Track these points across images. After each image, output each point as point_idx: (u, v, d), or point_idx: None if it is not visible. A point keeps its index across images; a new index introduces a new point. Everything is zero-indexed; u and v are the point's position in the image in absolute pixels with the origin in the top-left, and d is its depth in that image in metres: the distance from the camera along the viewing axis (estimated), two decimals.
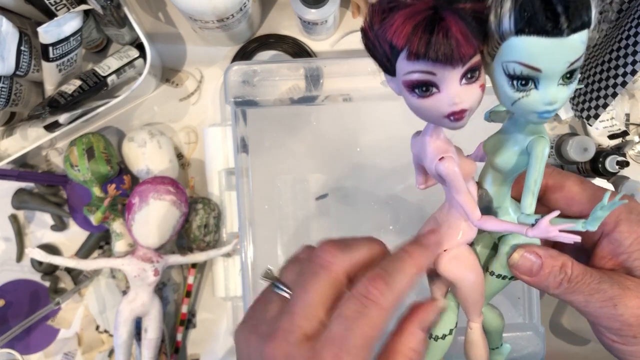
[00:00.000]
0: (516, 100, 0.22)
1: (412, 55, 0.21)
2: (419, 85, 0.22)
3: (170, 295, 0.61)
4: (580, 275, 0.26)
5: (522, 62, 0.21)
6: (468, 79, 0.22)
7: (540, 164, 0.24)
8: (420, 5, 0.21)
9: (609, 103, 0.52)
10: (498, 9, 0.21)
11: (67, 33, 0.50)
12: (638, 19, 0.48)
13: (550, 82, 0.21)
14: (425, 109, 0.23)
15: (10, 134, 0.58)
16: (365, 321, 0.24)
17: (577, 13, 0.20)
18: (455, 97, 0.22)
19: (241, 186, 0.53)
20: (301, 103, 0.54)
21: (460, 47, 0.20)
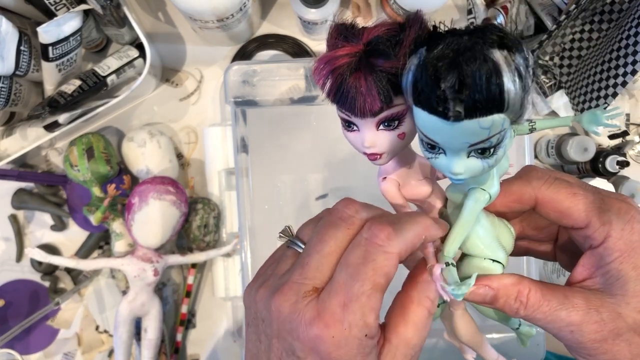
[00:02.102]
0: (429, 159, 0.22)
1: (327, 97, 0.22)
2: (344, 120, 0.23)
3: (170, 296, 0.61)
4: (537, 304, 0.26)
5: (420, 130, 0.21)
6: (386, 126, 0.23)
7: (468, 215, 0.25)
8: (348, 49, 0.21)
9: (609, 103, 0.52)
10: (406, 73, 0.20)
11: (67, 33, 0.50)
12: (638, 19, 0.48)
13: (455, 154, 0.21)
14: (351, 142, 0.24)
15: (10, 133, 0.58)
16: (371, 266, 0.23)
17: (471, 99, 0.18)
18: (367, 141, 0.23)
19: (241, 186, 0.53)
20: (301, 103, 0.54)
21: (365, 102, 0.21)
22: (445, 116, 0.19)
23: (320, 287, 0.24)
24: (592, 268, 0.27)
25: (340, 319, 0.23)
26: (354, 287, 0.23)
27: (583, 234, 0.27)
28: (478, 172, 0.21)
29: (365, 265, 0.23)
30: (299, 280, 0.24)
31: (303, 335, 0.23)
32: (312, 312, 0.23)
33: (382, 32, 0.22)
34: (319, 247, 0.24)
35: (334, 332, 0.22)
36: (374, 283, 0.23)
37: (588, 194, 0.27)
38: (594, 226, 0.26)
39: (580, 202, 0.27)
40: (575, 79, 0.59)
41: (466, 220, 0.25)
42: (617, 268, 0.26)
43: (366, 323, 0.23)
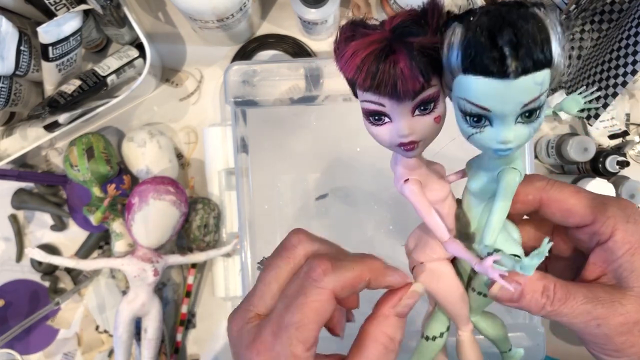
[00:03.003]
0: (470, 135, 0.22)
1: (360, 86, 0.21)
2: (372, 114, 0.22)
3: (170, 296, 0.61)
4: (564, 298, 0.26)
5: (470, 100, 0.20)
6: (421, 110, 0.22)
7: (505, 197, 0.24)
8: (375, 36, 0.21)
9: (609, 103, 0.52)
10: (448, 43, 0.20)
11: (67, 33, 0.50)
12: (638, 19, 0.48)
13: (504, 121, 0.21)
14: (379, 137, 0.23)
15: (10, 134, 0.58)
16: (302, 299, 0.24)
17: (527, 54, 0.18)
18: (405, 129, 0.22)
19: (241, 186, 0.53)
20: (301, 103, 0.54)
21: (405, 82, 0.20)
22: (504, 74, 0.19)
23: (263, 314, 0.25)
24: (603, 264, 0.27)
25: (270, 347, 0.24)
26: (285, 317, 0.24)
27: (589, 230, 0.27)
28: (525, 140, 0.21)
29: (297, 298, 0.24)
30: (246, 307, 0.26)
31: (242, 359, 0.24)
32: (250, 338, 0.25)
33: (404, 17, 0.21)
34: (262, 276, 0.26)
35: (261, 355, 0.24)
36: (303, 315, 0.24)
37: (589, 193, 0.28)
38: (601, 220, 0.26)
39: (584, 199, 0.27)
40: (575, 79, 0.59)
41: (505, 204, 0.24)
42: (629, 260, 0.26)
43: (293, 353, 0.23)
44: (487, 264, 0.23)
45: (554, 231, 0.31)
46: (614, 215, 0.26)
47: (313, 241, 0.27)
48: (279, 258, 0.26)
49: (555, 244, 0.31)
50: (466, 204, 0.27)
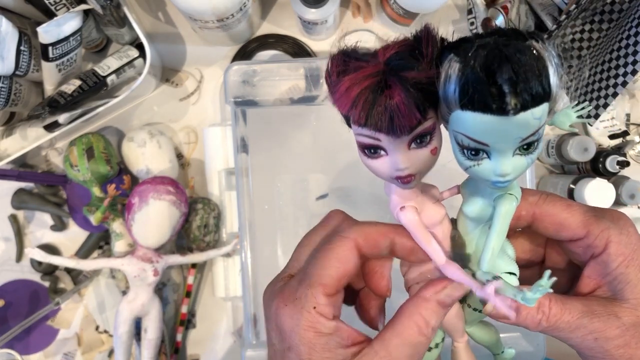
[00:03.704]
0: (468, 168, 0.22)
1: (355, 122, 0.21)
2: (368, 147, 0.22)
3: (170, 296, 0.61)
4: (559, 313, 0.26)
5: (468, 135, 0.20)
6: (418, 143, 0.22)
7: (502, 223, 0.24)
8: (369, 70, 0.20)
9: (609, 103, 0.52)
10: (445, 80, 0.20)
11: (67, 33, 0.50)
12: (638, 19, 0.48)
13: (502, 155, 0.21)
14: (375, 170, 0.23)
15: (10, 134, 0.58)
16: (327, 247, 0.25)
17: (526, 90, 0.18)
18: (401, 163, 0.22)
19: (241, 186, 0.53)
20: (301, 103, 0.54)
21: (401, 118, 0.20)
22: (502, 112, 0.19)
23: (294, 274, 0.27)
24: (598, 277, 0.27)
25: (294, 293, 0.25)
26: (310, 266, 0.25)
27: (583, 244, 0.27)
28: (523, 170, 0.21)
29: (323, 249, 0.26)
30: (282, 272, 0.28)
31: (269, 311, 0.26)
32: (278, 290, 0.26)
33: (398, 48, 0.21)
34: (299, 243, 0.28)
35: (288, 304, 0.25)
36: (326, 262, 0.25)
37: (581, 206, 0.27)
38: (594, 233, 0.26)
39: (576, 212, 0.27)
40: (575, 79, 0.59)
41: (502, 230, 0.24)
42: (623, 272, 0.26)
43: (313, 297, 0.24)
44: (489, 291, 0.23)
45: (547, 243, 0.31)
46: (607, 227, 0.26)
47: (348, 216, 0.29)
48: (315, 228, 0.28)
49: (549, 256, 0.31)
50: (462, 227, 0.27)
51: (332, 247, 0.25)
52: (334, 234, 0.26)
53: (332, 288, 0.25)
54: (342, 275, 0.25)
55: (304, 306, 0.24)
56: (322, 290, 0.24)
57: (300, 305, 0.24)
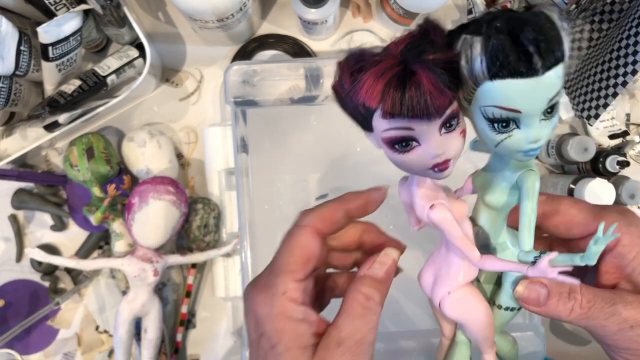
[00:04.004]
0: (500, 142, 0.22)
1: (386, 114, 0.21)
2: (399, 141, 0.22)
3: (170, 296, 0.61)
4: (592, 300, 0.25)
5: (500, 105, 0.21)
6: (447, 127, 0.22)
7: (532, 199, 0.24)
8: (388, 62, 0.20)
9: (609, 103, 0.52)
10: (468, 54, 0.20)
11: (67, 33, 0.50)
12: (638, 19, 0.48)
13: (532, 121, 0.21)
14: (408, 164, 0.23)
15: (10, 134, 0.58)
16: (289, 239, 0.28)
17: (549, 50, 0.19)
18: (437, 148, 0.22)
19: (241, 186, 0.53)
20: (301, 103, 0.54)
21: (434, 99, 0.20)
22: (532, 72, 0.19)
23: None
24: (616, 271, 0.27)
25: (265, 283, 0.27)
26: (276, 258, 0.28)
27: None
28: (549, 136, 0.22)
29: (285, 240, 0.28)
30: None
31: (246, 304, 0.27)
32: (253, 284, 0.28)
33: (409, 40, 0.21)
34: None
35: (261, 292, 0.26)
36: (290, 252, 0.27)
37: (587, 203, 0.28)
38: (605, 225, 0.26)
39: (584, 209, 0.27)
40: (575, 79, 0.59)
41: (533, 205, 0.24)
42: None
43: (283, 281, 0.26)
44: (544, 265, 0.23)
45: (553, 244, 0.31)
46: (617, 220, 0.26)
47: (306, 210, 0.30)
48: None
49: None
50: (484, 219, 0.27)
51: (293, 236, 0.28)
52: (294, 226, 0.28)
53: (299, 273, 0.26)
54: (306, 258, 0.27)
55: (274, 293, 0.26)
56: (290, 277, 0.26)
57: (271, 293, 0.26)
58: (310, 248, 0.27)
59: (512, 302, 0.28)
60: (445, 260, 0.27)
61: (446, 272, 0.27)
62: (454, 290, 0.27)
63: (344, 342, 0.25)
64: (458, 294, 0.27)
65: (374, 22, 0.63)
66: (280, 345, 0.25)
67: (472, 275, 0.27)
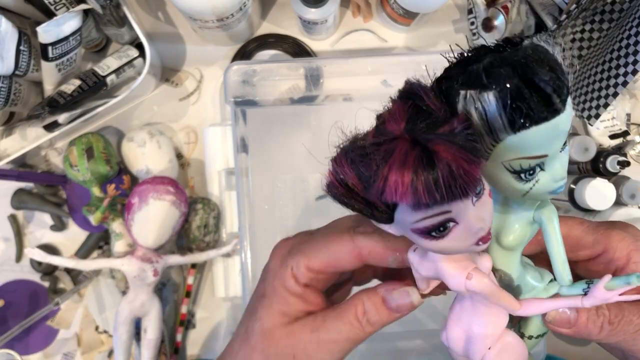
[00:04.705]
0: (528, 191, 0.21)
1: (421, 205, 0.18)
2: (436, 229, 0.19)
3: (170, 296, 0.61)
4: (620, 314, 0.25)
5: (527, 156, 0.20)
6: (477, 195, 0.19)
7: (557, 232, 0.23)
8: (401, 147, 0.17)
9: (609, 103, 0.52)
10: (481, 111, 0.19)
11: (67, 33, 0.49)
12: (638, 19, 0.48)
13: (554, 159, 0.21)
14: (450, 248, 0.20)
15: (10, 133, 0.58)
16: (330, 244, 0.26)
17: (562, 84, 0.18)
18: (477, 222, 0.20)
19: (241, 186, 0.53)
20: (301, 103, 0.54)
21: (469, 175, 0.17)
22: (555, 112, 0.18)
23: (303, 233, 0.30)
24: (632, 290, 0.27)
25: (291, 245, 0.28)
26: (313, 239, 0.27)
27: (604, 259, 0.26)
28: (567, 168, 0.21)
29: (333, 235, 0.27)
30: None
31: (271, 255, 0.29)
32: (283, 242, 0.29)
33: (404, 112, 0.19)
34: None
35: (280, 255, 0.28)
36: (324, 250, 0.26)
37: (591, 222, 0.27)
38: (612, 246, 0.26)
39: (590, 229, 0.27)
40: (575, 79, 0.59)
41: (559, 238, 0.23)
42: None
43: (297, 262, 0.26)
44: (600, 292, 0.22)
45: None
46: (623, 238, 0.26)
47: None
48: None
49: None
50: (503, 261, 0.26)
51: (338, 240, 0.26)
52: (350, 229, 0.26)
53: (315, 268, 0.26)
54: (330, 266, 0.26)
55: (287, 260, 0.26)
56: (306, 263, 0.26)
57: (285, 259, 0.27)
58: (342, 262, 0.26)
59: (538, 330, 0.27)
60: (474, 314, 0.25)
61: (480, 328, 0.25)
62: (494, 343, 0.25)
63: (319, 332, 0.25)
64: (499, 346, 0.25)
65: (374, 21, 0.63)
66: (267, 299, 0.26)
67: (505, 322, 0.25)
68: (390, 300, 0.25)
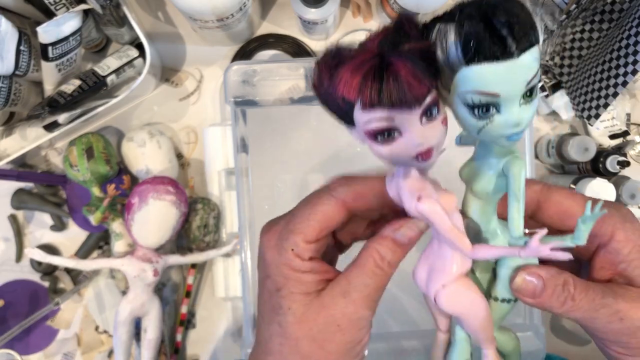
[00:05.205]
0: (481, 128, 0.22)
1: (366, 105, 0.21)
2: (381, 133, 0.22)
3: (170, 296, 0.61)
4: (584, 292, 0.25)
5: (478, 90, 0.21)
6: (428, 117, 0.22)
7: (519, 185, 0.24)
8: (364, 55, 0.21)
9: (609, 103, 0.52)
10: (443, 43, 0.21)
11: (67, 33, 0.50)
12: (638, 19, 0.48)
13: (512, 104, 0.21)
14: (391, 154, 0.23)
15: (10, 133, 0.58)
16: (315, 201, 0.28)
17: (522, 32, 0.20)
18: (419, 137, 0.22)
19: (241, 186, 0.53)
20: (301, 103, 0.54)
21: (413, 88, 0.20)
22: (507, 55, 0.20)
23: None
24: (611, 267, 0.27)
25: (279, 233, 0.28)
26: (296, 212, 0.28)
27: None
28: (530, 120, 0.22)
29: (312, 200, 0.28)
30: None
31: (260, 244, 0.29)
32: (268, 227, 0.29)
33: (383, 35, 0.22)
34: None
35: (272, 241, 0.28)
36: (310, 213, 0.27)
37: (583, 195, 0.28)
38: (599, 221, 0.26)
39: (580, 200, 0.27)
40: (575, 79, 0.59)
41: (520, 192, 0.24)
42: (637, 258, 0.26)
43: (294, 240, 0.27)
44: (534, 244, 0.23)
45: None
46: (612, 215, 0.26)
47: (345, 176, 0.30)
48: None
49: None
50: (474, 210, 0.27)
51: (320, 201, 0.27)
52: (323, 189, 0.28)
53: (312, 237, 0.27)
54: (323, 228, 0.27)
55: (283, 246, 0.27)
56: (302, 238, 0.27)
57: (280, 245, 0.27)
58: (331, 220, 0.27)
59: (507, 294, 0.28)
60: (438, 254, 0.27)
61: (440, 266, 0.27)
62: (449, 283, 0.27)
63: (350, 294, 0.26)
64: (453, 287, 0.27)
65: (374, 22, 0.63)
66: (284, 289, 0.26)
67: (466, 267, 0.27)
68: (400, 237, 0.27)
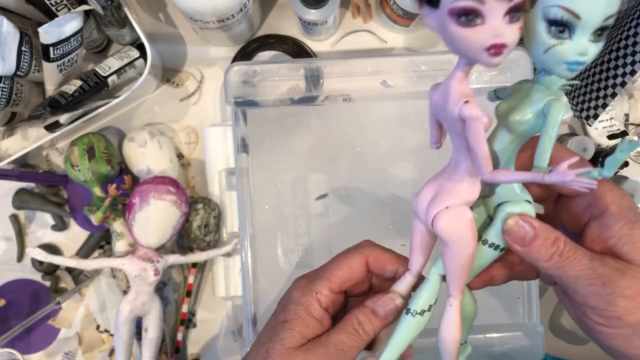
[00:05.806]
0: (550, 47, 0.23)
1: None
2: (465, 13, 0.22)
3: (171, 295, 0.61)
4: (572, 251, 0.26)
5: (563, 5, 0.22)
6: (511, 17, 0.22)
7: (555, 122, 0.25)
8: None
9: (608, 103, 0.52)
10: None
11: (68, 33, 0.50)
12: (638, 19, 0.48)
13: (584, 34, 0.22)
14: (467, 39, 0.22)
15: (11, 134, 0.58)
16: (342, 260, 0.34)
17: None
18: (499, 29, 0.22)
19: (241, 186, 0.53)
20: (301, 103, 0.54)
21: None
22: None
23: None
24: (602, 240, 0.27)
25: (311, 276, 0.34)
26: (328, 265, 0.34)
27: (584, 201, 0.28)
28: (593, 57, 0.23)
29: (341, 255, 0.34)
30: None
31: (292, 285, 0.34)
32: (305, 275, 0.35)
33: None
34: None
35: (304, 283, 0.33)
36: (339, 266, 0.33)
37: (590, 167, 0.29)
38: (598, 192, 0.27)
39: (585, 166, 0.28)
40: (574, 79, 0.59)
41: (554, 133, 0.25)
42: (628, 234, 0.26)
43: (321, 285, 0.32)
44: (563, 167, 0.23)
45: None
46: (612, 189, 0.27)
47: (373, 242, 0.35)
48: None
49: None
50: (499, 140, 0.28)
51: (348, 255, 0.33)
52: (354, 248, 0.34)
53: (336, 285, 0.32)
54: (347, 277, 0.32)
55: (311, 288, 0.32)
56: (328, 284, 0.32)
57: (308, 287, 0.32)
58: (355, 271, 0.33)
59: (497, 240, 0.28)
60: (451, 176, 0.27)
61: (449, 187, 0.27)
62: (454, 206, 0.27)
63: (327, 346, 0.30)
64: (456, 210, 0.27)
65: (374, 22, 0.64)
66: (290, 323, 0.31)
67: (473, 197, 0.27)
68: (377, 308, 0.31)
